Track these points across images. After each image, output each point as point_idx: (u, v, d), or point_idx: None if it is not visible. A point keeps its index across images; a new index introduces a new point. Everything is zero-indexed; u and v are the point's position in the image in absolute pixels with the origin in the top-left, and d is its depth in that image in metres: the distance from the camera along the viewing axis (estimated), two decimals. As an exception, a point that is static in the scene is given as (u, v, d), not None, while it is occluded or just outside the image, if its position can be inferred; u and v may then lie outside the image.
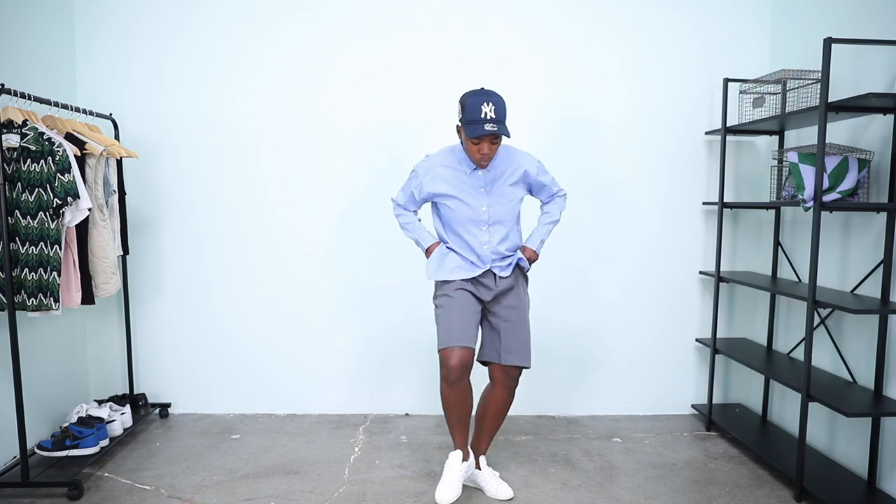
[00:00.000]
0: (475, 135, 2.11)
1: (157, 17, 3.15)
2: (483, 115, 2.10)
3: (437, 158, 2.33)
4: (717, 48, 3.22)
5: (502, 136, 2.17)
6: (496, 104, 2.12)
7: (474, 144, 2.17)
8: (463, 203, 2.27)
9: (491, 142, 2.17)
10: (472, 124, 2.13)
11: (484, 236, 2.29)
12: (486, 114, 2.10)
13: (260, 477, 2.60)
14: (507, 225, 2.32)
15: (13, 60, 2.68)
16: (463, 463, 2.38)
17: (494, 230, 2.30)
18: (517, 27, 3.20)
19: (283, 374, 3.34)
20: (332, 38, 3.18)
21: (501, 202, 2.29)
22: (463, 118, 2.18)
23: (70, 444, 2.59)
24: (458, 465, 2.35)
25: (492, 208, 2.28)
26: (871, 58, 2.46)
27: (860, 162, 2.42)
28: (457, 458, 2.35)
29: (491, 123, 2.11)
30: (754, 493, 2.50)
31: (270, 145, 3.23)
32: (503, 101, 2.16)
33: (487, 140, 2.15)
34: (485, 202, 2.28)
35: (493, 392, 2.40)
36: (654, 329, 3.36)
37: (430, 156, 2.36)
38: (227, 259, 3.28)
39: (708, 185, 3.30)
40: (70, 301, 2.60)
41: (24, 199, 2.41)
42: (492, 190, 2.29)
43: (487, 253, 2.30)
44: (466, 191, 2.28)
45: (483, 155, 2.18)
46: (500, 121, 2.13)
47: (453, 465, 2.34)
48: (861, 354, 2.53)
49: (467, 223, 2.28)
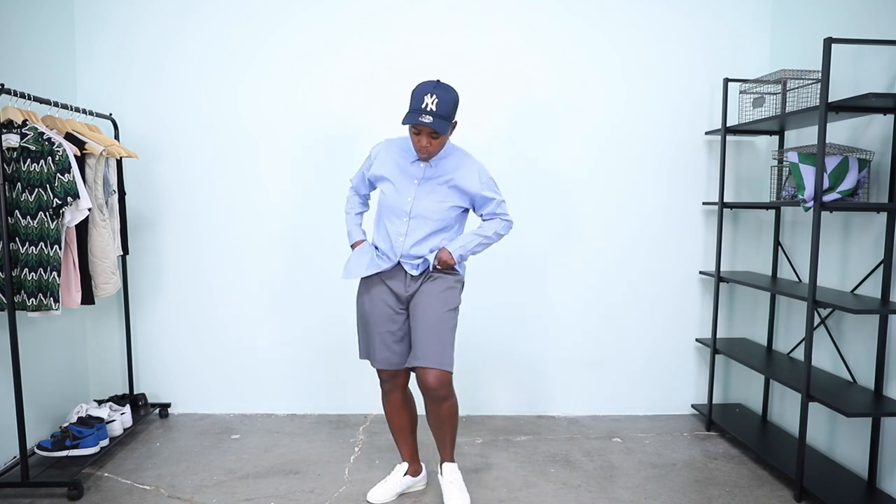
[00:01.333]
0: (407, 122, 2.07)
1: (157, 17, 3.15)
2: (423, 106, 2.05)
3: (392, 142, 2.31)
4: (717, 48, 3.22)
5: (444, 136, 2.12)
6: (441, 98, 2.04)
7: (414, 134, 2.13)
8: (394, 189, 2.22)
9: (430, 136, 2.10)
10: (410, 113, 2.08)
11: (402, 227, 2.21)
12: (426, 104, 2.04)
13: (260, 477, 2.60)
14: (431, 225, 2.20)
15: (13, 60, 2.68)
16: (405, 476, 2.43)
17: (414, 224, 2.20)
18: (517, 27, 3.20)
19: (283, 374, 3.34)
20: (331, 39, 3.18)
21: (430, 199, 2.20)
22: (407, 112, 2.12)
23: (70, 444, 2.59)
24: (400, 474, 2.44)
25: (417, 201, 2.20)
26: (871, 58, 2.46)
27: (860, 162, 2.42)
28: (401, 469, 2.45)
29: (427, 115, 2.03)
30: (754, 493, 2.50)
31: (270, 145, 3.23)
32: (452, 97, 2.09)
33: (426, 133, 2.09)
34: (412, 193, 2.21)
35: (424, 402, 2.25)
36: (654, 329, 3.36)
37: (389, 139, 2.34)
38: (227, 259, 3.28)
39: (708, 185, 3.30)
40: (70, 301, 2.60)
41: (23, 199, 2.41)
42: (425, 184, 2.21)
43: (400, 245, 2.21)
44: (401, 178, 2.23)
45: (422, 147, 2.12)
46: (441, 115, 2.05)
47: (396, 472, 2.45)
48: (861, 354, 2.53)
49: (391, 210, 2.23)
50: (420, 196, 2.20)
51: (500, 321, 3.32)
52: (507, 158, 3.21)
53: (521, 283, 3.30)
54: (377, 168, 2.28)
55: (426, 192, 2.21)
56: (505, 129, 3.24)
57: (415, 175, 2.23)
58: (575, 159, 3.26)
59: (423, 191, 2.21)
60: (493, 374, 3.35)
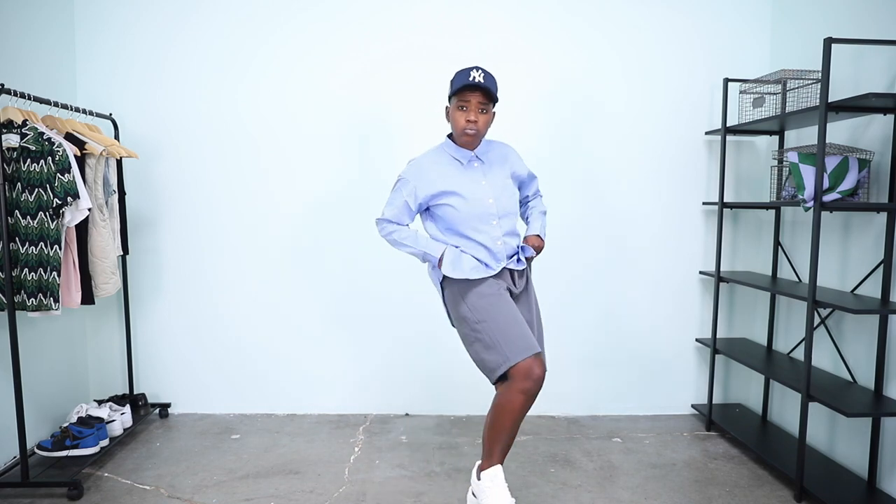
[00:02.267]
0: (462, 84, 2.01)
1: (157, 17, 3.15)
2: (471, 79, 2.03)
3: (423, 160, 2.17)
4: (717, 48, 3.22)
5: (491, 112, 2.10)
6: (486, 74, 2.05)
7: (461, 111, 2.06)
8: (466, 199, 2.09)
9: (479, 107, 2.05)
10: (459, 84, 2.04)
11: (496, 231, 2.11)
12: (473, 77, 2.02)
13: (260, 477, 2.60)
14: (514, 217, 2.19)
15: (13, 60, 2.68)
16: None
17: (505, 223, 2.14)
18: (517, 27, 3.20)
19: (283, 374, 3.34)
20: (331, 39, 3.18)
21: (505, 193, 2.15)
22: (452, 87, 2.09)
23: (70, 444, 2.59)
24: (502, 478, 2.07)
25: (499, 200, 2.13)
26: (871, 58, 2.46)
27: (860, 162, 2.42)
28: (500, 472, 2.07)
29: (479, 78, 2.02)
30: (754, 493, 2.50)
31: (270, 145, 3.23)
32: (494, 79, 2.08)
33: (475, 105, 2.04)
34: (490, 194, 2.12)
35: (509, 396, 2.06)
36: (654, 329, 3.36)
37: (414, 159, 2.19)
38: (227, 259, 3.28)
39: (708, 185, 3.30)
40: (70, 301, 2.60)
41: (23, 199, 2.41)
42: (493, 181, 2.15)
43: (502, 249, 2.12)
44: (467, 184, 2.11)
45: (469, 122, 2.05)
46: (489, 86, 2.04)
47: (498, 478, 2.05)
48: (861, 354, 2.53)
49: (474, 220, 2.10)
50: (498, 195, 2.13)
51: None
52: (507, 158, 3.20)
53: (521, 283, 3.30)
54: (427, 189, 2.11)
55: (500, 189, 2.15)
56: (505, 129, 3.23)
57: (478, 177, 2.14)
58: (575, 159, 3.26)
59: (497, 189, 2.14)
60: (493, 374, 3.34)
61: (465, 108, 2.06)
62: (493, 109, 2.12)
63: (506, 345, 1.98)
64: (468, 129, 2.06)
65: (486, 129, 2.12)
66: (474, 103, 2.05)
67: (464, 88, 2.03)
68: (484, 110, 2.08)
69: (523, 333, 2.00)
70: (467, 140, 2.11)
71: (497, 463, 2.08)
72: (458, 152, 2.15)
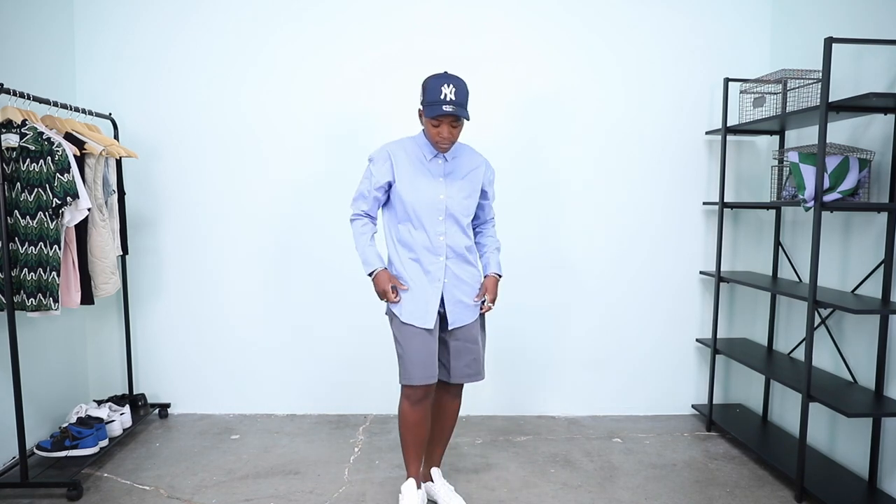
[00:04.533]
0: (433, 115, 2.05)
1: (157, 17, 3.15)
2: (443, 97, 2.05)
3: (393, 144, 2.23)
4: (717, 48, 3.22)
5: (463, 123, 2.12)
6: (457, 87, 2.07)
7: (434, 127, 2.10)
8: (417, 188, 2.15)
9: (451, 125, 2.09)
10: (431, 105, 2.07)
11: (440, 227, 2.16)
12: (445, 95, 2.05)
13: (260, 477, 2.60)
14: (464, 220, 2.21)
15: (13, 60, 2.68)
16: (420, 490, 2.30)
17: (451, 222, 2.18)
18: (517, 28, 3.19)
19: (283, 374, 3.33)
20: (333, 40, 3.18)
21: (460, 195, 2.18)
22: (423, 100, 2.11)
23: (69, 444, 2.58)
24: (414, 490, 2.26)
25: (451, 199, 2.17)
26: (871, 57, 2.46)
27: (861, 162, 2.42)
28: (412, 484, 2.27)
29: (450, 105, 2.04)
30: (755, 493, 2.49)
31: (271, 145, 3.22)
32: (465, 85, 2.10)
33: (447, 123, 2.08)
34: (443, 191, 2.16)
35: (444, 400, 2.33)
36: (654, 329, 3.36)
37: (387, 143, 2.25)
38: (226, 259, 3.27)
39: (708, 185, 3.30)
40: (69, 301, 2.60)
41: (23, 198, 2.40)
42: (452, 181, 2.19)
43: (442, 245, 2.17)
44: (422, 176, 2.16)
45: (443, 138, 2.10)
46: (460, 104, 2.07)
47: (410, 490, 2.26)
48: (862, 354, 2.53)
49: (421, 210, 2.15)
50: (452, 195, 2.17)
51: (499, 321, 3.31)
52: (507, 159, 3.20)
53: (521, 283, 3.29)
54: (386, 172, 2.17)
55: (456, 190, 2.18)
56: (505, 129, 3.24)
57: (438, 172, 2.18)
58: (575, 159, 3.26)
59: (452, 189, 2.18)
60: (493, 375, 3.33)
61: (437, 125, 2.11)
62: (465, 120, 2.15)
63: (410, 366, 2.16)
64: (442, 143, 2.13)
65: (458, 137, 2.17)
66: (447, 121, 2.10)
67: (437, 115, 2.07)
68: (456, 125, 2.12)
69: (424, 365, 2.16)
70: (442, 150, 2.17)
71: (409, 476, 2.29)
72: (426, 147, 2.20)
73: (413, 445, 2.27)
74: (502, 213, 3.14)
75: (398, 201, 2.19)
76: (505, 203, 3.19)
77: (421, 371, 2.15)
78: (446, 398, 2.34)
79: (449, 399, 2.35)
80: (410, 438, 2.25)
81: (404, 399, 2.22)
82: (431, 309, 2.17)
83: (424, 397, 2.21)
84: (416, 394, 2.19)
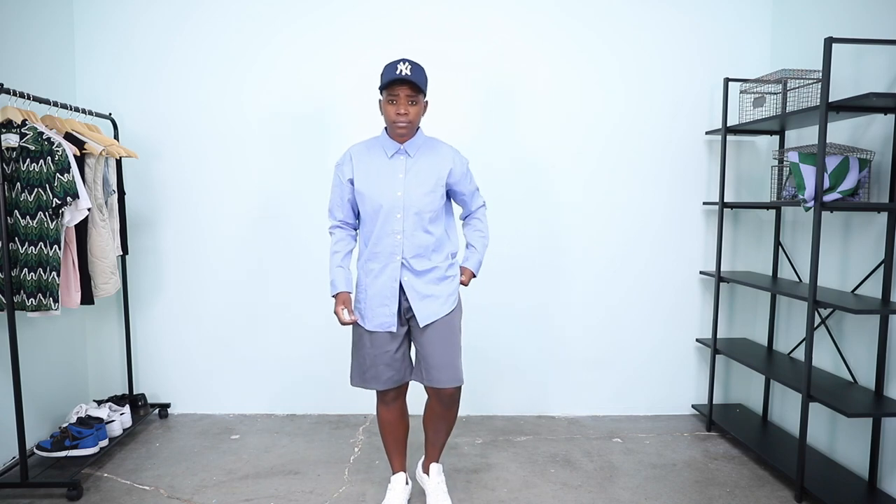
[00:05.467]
0: (388, 80, 2.02)
1: (157, 17, 3.15)
2: (398, 72, 2.02)
3: (355, 147, 2.21)
4: (717, 48, 3.22)
5: (421, 103, 2.10)
6: (413, 66, 2.04)
7: (390, 105, 2.07)
8: (376, 187, 2.11)
9: (408, 100, 2.06)
10: (387, 78, 2.04)
11: (397, 224, 2.11)
12: (400, 70, 2.03)
13: (260, 477, 2.60)
14: (426, 216, 2.13)
15: (13, 60, 2.68)
16: (407, 485, 2.37)
17: (410, 220, 2.11)
18: (517, 29, 3.19)
19: (283, 374, 3.33)
20: (333, 41, 3.18)
21: (420, 191, 2.12)
22: (381, 83, 2.08)
23: (69, 444, 2.58)
24: (402, 485, 2.34)
25: (409, 195, 2.11)
26: (871, 57, 2.46)
27: (861, 162, 2.42)
28: (400, 479, 2.34)
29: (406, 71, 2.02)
30: (755, 493, 2.49)
31: (271, 145, 3.22)
32: (423, 70, 2.09)
33: (404, 98, 2.04)
34: (401, 187, 2.11)
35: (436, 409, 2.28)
36: (654, 329, 3.36)
37: (350, 147, 2.24)
38: (226, 259, 3.27)
39: (708, 185, 3.30)
40: (69, 301, 2.60)
41: (23, 198, 2.40)
42: (413, 177, 2.13)
43: (399, 244, 2.12)
44: (381, 175, 2.13)
45: (399, 115, 2.05)
46: (416, 78, 2.04)
47: (397, 486, 2.33)
48: (862, 354, 2.53)
49: (379, 209, 2.11)
50: (409, 189, 2.11)
51: (499, 322, 3.32)
52: (508, 159, 3.21)
53: (521, 283, 3.30)
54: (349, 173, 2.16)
55: (413, 185, 2.12)
56: (505, 130, 3.24)
57: (397, 170, 2.13)
58: (575, 160, 3.26)
59: (410, 184, 2.12)
60: (493, 375, 3.34)
61: (394, 102, 2.07)
62: (423, 100, 2.12)
63: (358, 371, 2.22)
64: (399, 122, 2.07)
65: (417, 119, 2.13)
66: (403, 96, 2.06)
67: (391, 83, 2.04)
68: (413, 102, 2.08)
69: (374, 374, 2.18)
70: (400, 132, 2.10)
71: (395, 471, 2.37)
72: (386, 143, 2.16)
73: (392, 442, 2.33)
74: (502, 214, 3.16)
75: (358, 199, 2.17)
76: (505, 203, 3.20)
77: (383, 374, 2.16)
78: (438, 407, 2.25)
79: (441, 409, 2.25)
80: (389, 437, 2.32)
81: (378, 400, 2.26)
82: (390, 312, 2.14)
83: (396, 397, 2.25)
84: (386, 395, 2.22)
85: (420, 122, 2.16)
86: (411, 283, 2.14)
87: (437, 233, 2.17)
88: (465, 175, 2.23)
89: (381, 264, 2.15)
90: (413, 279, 2.14)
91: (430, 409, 2.30)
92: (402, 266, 2.13)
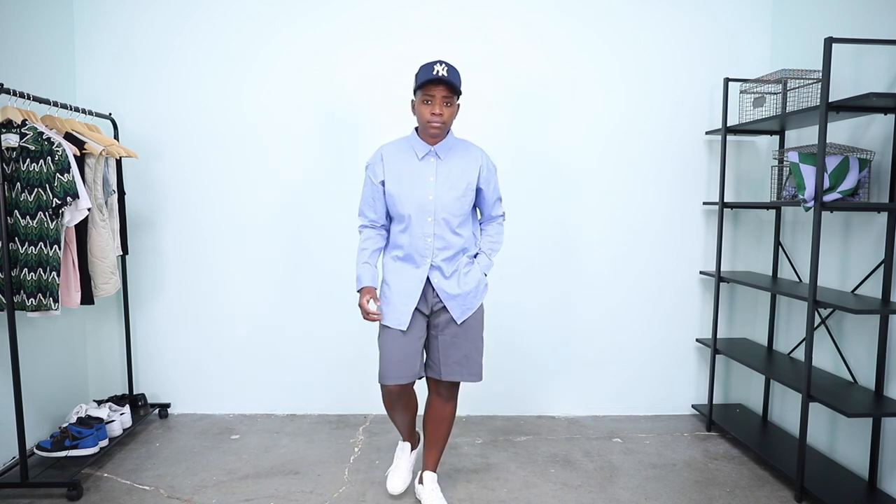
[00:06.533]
0: (425, 79, 2.02)
1: (157, 17, 3.15)
2: (435, 72, 2.04)
3: (386, 146, 2.22)
4: (717, 48, 3.22)
5: (456, 105, 2.11)
6: (449, 67, 2.06)
7: (425, 105, 2.08)
8: (408, 189, 2.13)
9: (443, 102, 2.07)
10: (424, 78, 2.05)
11: (428, 228, 2.13)
12: (437, 71, 2.04)
13: (260, 477, 2.60)
14: (456, 220, 2.16)
15: (13, 60, 2.68)
16: (412, 452, 2.47)
17: (441, 223, 2.14)
18: (517, 29, 3.19)
19: (283, 374, 3.33)
20: (334, 41, 3.18)
21: (451, 194, 2.14)
22: (416, 83, 2.10)
23: (69, 444, 2.58)
24: (408, 454, 2.44)
25: (440, 198, 2.13)
26: (871, 57, 2.46)
27: (861, 162, 2.42)
28: (405, 449, 2.45)
29: (442, 72, 2.03)
30: (755, 493, 2.49)
31: (271, 145, 3.22)
32: (458, 71, 2.10)
33: (439, 98, 2.06)
34: (432, 191, 2.13)
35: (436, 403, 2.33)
36: (654, 329, 3.36)
37: (381, 146, 2.25)
38: (226, 259, 3.27)
39: (708, 185, 3.30)
40: (69, 301, 2.60)
41: (23, 198, 2.40)
42: (444, 180, 2.14)
43: (430, 247, 2.14)
44: (413, 177, 2.14)
45: (434, 115, 2.06)
46: (453, 79, 2.05)
47: (403, 453, 2.44)
48: (862, 354, 2.53)
49: (410, 211, 2.13)
50: (440, 194, 2.13)
51: (499, 321, 3.31)
52: (508, 159, 3.20)
53: (521, 283, 3.30)
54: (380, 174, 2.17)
55: (445, 189, 2.13)
56: (506, 130, 3.23)
57: (428, 172, 2.14)
58: (575, 160, 3.26)
59: (442, 188, 2.13)
60: (493, 375, 3.33)
61: (429, 102, 2.08)
62: (457, 102, 2.14)
63: (385, 366, 2.19)
64: (433, 121, 2.08)
65: (451, 121, 2.14)
66: (439, 97, 2.07)
67: (428, 83, 2.05)
68: (448, 103, 2.10)
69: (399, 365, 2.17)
70: (433, 132, 2.11)
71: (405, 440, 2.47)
72: (417, 145, 2.17)
73: (401, 423, 2.39)
74: (502, 213, 3.16)
75: (388, 201, 2.19)
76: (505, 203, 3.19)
77: (395, 372, 2.16)
78: (437, 401, 2.31)
79: (440, 403, 2.30)
80: (398, 420, 2.38)
81: (384, 394, 2.26)
82: (407, 311, 2.16)
83: (402, 392, 2.25)
84: (392, 391, 2.22)
85: (452, 124, 2.19)
86: (441, 285, 2.17)
87: (466, 234, 2.21)
88: (490, 179, 2.25)
89: (411, 265, 2.18)
90: (442, 280, 2.17)
91: (430, 409, 2.33)
92: (430, 267, 2.16)
